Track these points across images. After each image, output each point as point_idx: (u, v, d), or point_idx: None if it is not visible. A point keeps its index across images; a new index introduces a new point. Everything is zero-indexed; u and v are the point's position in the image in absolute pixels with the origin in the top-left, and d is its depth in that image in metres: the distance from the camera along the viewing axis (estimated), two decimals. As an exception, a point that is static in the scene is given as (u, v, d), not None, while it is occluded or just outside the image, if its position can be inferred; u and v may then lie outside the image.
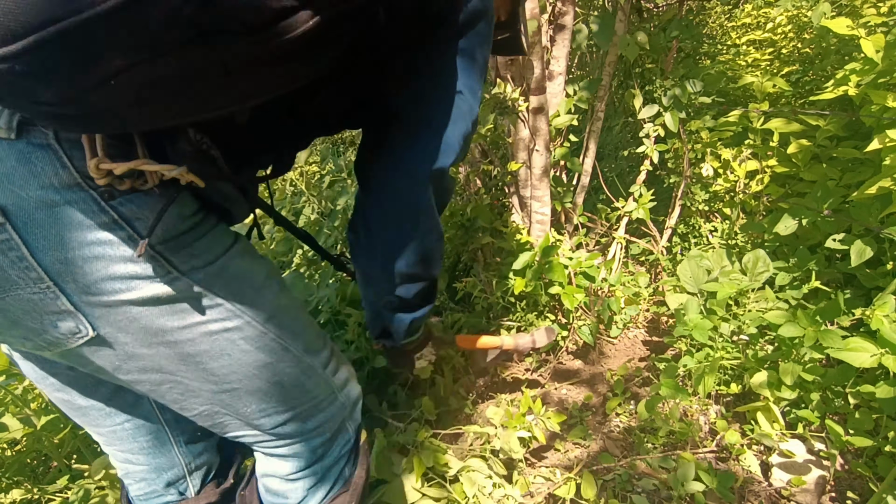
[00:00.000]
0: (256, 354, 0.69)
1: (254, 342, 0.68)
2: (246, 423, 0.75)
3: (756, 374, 1.36)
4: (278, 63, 0.48)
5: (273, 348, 0.71)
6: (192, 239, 0.61)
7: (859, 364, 1.14)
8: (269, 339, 0.70)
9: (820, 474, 1.22)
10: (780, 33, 2.48)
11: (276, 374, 0.72)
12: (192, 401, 0.70)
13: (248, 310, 0.67)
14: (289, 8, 0.43)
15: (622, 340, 1.86)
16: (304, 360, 0.76)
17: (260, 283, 0.70)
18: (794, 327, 1.25)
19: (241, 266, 0.67)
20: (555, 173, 1.93)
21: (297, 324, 0.76)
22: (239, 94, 0.50)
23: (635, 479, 1.30)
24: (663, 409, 1.49)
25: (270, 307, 0.70)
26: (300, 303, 0.81)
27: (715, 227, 2.04)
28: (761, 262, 1.52)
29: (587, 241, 2.08)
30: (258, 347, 0.69)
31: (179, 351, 0.64)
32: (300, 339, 0.75)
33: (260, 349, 0.69)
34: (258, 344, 0.69)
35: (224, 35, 0.42)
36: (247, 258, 0.69)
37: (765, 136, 1.81)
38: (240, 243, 0.69)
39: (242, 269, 0.67)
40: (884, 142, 1.32)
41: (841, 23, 1.49)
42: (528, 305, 1.79)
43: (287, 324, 0.73)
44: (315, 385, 0.78)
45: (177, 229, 0.59)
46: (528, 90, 1.58)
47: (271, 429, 0.77)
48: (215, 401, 0.71)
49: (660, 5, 1.91)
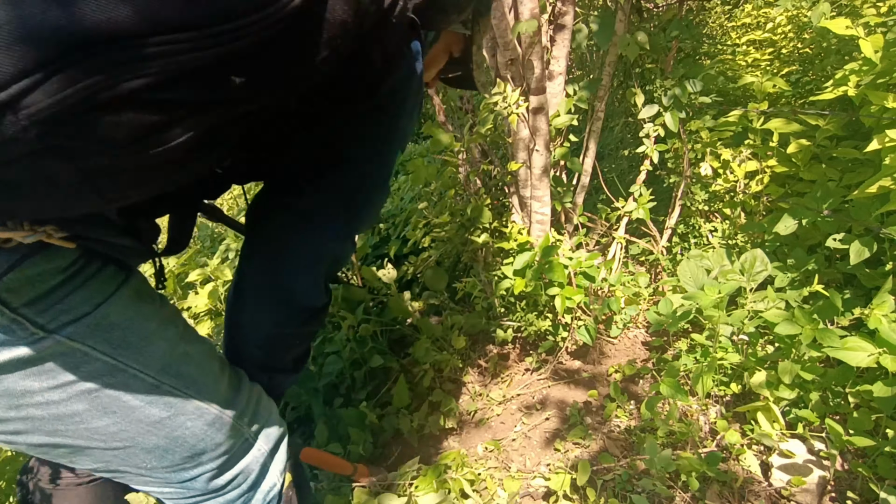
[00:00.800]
0: (148, 410, 0.63)
1: (143, 397, 0.62)
2: (150, 479, 0.69)
3: (756, 374, 1.36)
4: (152, 169, 0.44)
5: (170, 402, 0.65)
6: (65, 293, 0.55)
7: (856, 363, 1.14)
8: (163, 391, 0.64)
9: (820, 474, 1.22)
10: (780, 33, 2.48)
11: (176, 429, 0.66)
12: (83, 459, 0.64)
13: (134, 361, 0.60)
14: (159, 124, 0.39)
15: (622, 340, 1.86)
16: (210, 411, 0.70)
17: (150, 331, 0.63)
18: (792, 326, 1.25)
19: (126, 313, 0.61)
20: (555, 173, 1.93)
21: (202, 372, 0.70)
22: (104, 199, 0.45)
23: (635, 479, 1.30)
24: (663, 409, 1.49)
25: (164, 356, 0.64)
26: (209, 347, 0.74)
27: (715, 227, 2.04)
28: (759, 261, 1.52)
29: (587, 241, 2.08)
30: (150, 402, 0.63)
31: (54, 412, 0.57)
32: (206, 388, 0.69)
33: (152, 404, 0.63)
34: (150, 398, 0.63)
35: (85, 150, 0.38)
36: (133, 303, 0.62)
37: (765, 136, 1.81)
38: (127, 287, 0.62)
39: (128, 317, 0.60)
40: (883, 142, 1.32)
41: (840, 23, 1.49)
42: (528, 305, 1.79)
43: (188, 372, 0.67)
44: (226, 437, 0.72)
45: (44, 287, 0.53)
46: (528, 90, 1.58)
47: (180, 483, 0.71)
48: (108, 458, 0.64)
49: (660, 5, 1.91)
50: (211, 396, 0.70)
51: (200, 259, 2.43)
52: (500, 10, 1.47)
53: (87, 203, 0.45)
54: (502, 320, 1.81)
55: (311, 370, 1.62)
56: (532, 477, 1.36)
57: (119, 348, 0.59)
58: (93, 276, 0.58)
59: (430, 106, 2.04)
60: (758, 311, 1.42)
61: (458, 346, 1.68)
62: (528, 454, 1.45)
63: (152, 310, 0.65)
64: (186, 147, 0.42)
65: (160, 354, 0.64)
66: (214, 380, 0.72)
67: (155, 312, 0.65)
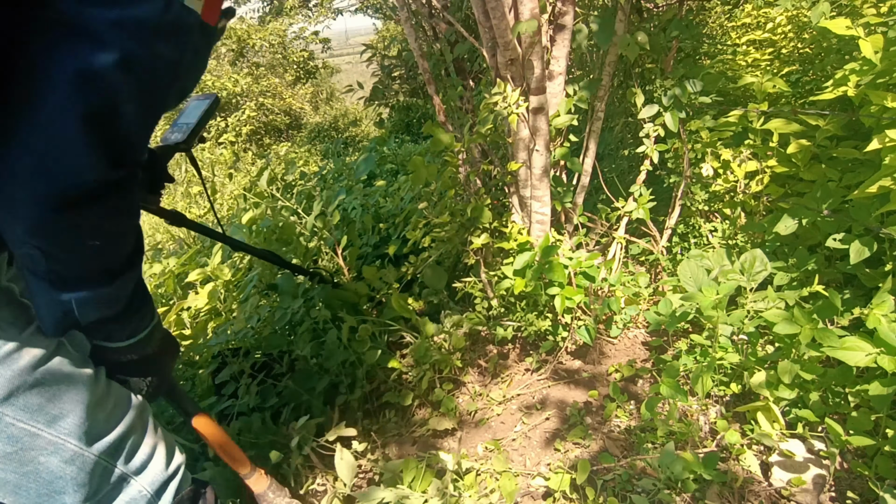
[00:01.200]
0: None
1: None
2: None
3: (756, 374, 1.36)
4: None
5: (14, 435, 0.61)
6: None
7: (855, 363, 1.14)
8: (4, 424, 0.61)
9: (820, 474, 1.22)
10: (780, 33, 2.48)
11: (25, 464, 0.62)
12: None
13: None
14: None
15: (622, 340, 1.86)
16: (67, 446, 0.66)
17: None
18: (791, 325, 1.25)
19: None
20: (555, 173, 1.93)
21: (60, 404, 0.65)
22: None
23: (635, 479, 1.30)
24: (663, 409, 1.50)
25: (7, 385, 0.60)
26: (78, 376, 0.68)
27: (715, 227, 2.04)
28: (759, 261, 1.52)
29: (587, 241, 2.08)
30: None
31: None
32: (62, 421, 0.65)
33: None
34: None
35: None
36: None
37: (765, 136, 1.81)
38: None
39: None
40: (883, 142, 1.32)
41: (840, 23, 1.49)
42: (528, 305, 1.79)
43: (38, 405, 0.63)
44: (89, 475, 0.68)
45: None
46: (528, 90, 1.58)
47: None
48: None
49: (660, 5, 1.91)
50: (70, 430, 0.66)
51: (200, 259, 2.43)
52: (500, 10, 1.47)
53: None
54: (502, 320, 1.81)
55: (311, 370, 1.62)
56: (532, 477, 1.36)
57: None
58: None
59: (430, 106, 2.04)
60: (758, 311, 1.42)
61: (458, 345, 1.68)
62: (528, 454, 1.45)
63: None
64: None
65: (2, 382, 0.60)
66: (74, 412, 0.67)
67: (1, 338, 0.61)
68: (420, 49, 1.91)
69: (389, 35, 7.72)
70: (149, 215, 1.06)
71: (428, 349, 1.62)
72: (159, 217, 1.12)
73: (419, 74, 2.82)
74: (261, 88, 9.10)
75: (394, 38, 5.98)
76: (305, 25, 8.75)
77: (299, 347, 1.61)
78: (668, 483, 1.25)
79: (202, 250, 2.79)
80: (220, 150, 8.21)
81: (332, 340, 1.61)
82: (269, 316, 1.74)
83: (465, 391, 1.72)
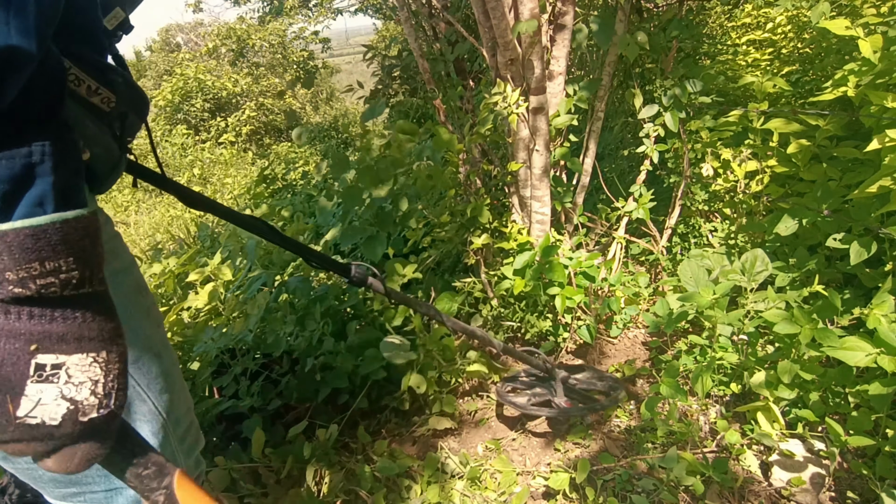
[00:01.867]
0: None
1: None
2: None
3: (756, 374, 1.36)
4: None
5: (129, 396, 0.61)
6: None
7: (854, 363, 1.15)
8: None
9: (820, 473, 1.22)
10: (780, 33, 2.48)
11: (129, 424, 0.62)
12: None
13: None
14: None
15: (622, 340, 1.86)
16: (159, 418, 0.65)
17: (137, 320, 0.62)
18: (791, 325, 1.25)
19: (121, 299, 0.57)
20: (555, 173, 1.93)
21: (169, 376, 0.67)
22: None
23: (635, 479, 1.30)
24: (663, 409, 1.50)
25: (142, 348, 0.63)
26: (176, 359, 0.71)
27: (715, 227, 2.04)
28: (759, 261, 1.52)
29: (587, 241, 2.08)
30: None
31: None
32: (168, 392, 0.66)
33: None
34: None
35: None
36: (133, 294, 0.63)
37: (765, 136, 1.81)
38: (129, 276, 0.63)
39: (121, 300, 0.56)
40: (883, 142, 1.32)
41: (840, 23, 1.49)
42: (528, 305, 1.79)
43: (156, 372, 0.65)
44: (160, 448, 0.67)
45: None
46: (528, 90, 1.58)
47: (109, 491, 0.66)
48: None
49: (660, 5, 1.91)
50: (166, 404, 0.67)
51: (200, 259, 2.43)
52: (500, 10, 1.47)
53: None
54: (502, 320, 1.82)
55: (315, 379, 1.61)
56: (532, 477, 1.36)
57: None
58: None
59: (429, 106, 2.04)
60: (758, 311, 1.42)
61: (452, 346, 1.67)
62: (528, 454, 1.45)
63: (143, 302, 0.65)
64: None
65: (139, 346, 0.62)
66: (178, 389, 0.69)
67: (145, 306, 0.65)
68: (420, 49, 1.91)
69: (389, 35, 7.72)
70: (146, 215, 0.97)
71: (428, 351, 1.62)
72: (167, 190, 0.79)
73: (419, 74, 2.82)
74: (261, 88, 9.10)
75: (394, 38, 5.98)
76: (305, 25, 8.74)
77: (300, 347, 1.61)
78: (671, 484, 1.25)
79: (202, 250, 2.79)
80: (220, 149, 8.21)
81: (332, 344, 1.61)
82: (271, 316, 1.74)
83: (464, 391, 1.72)
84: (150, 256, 3.33)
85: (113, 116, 0.59)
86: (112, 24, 0.71)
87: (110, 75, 0.57)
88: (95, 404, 0.41)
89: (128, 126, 0.63)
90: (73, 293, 0.40)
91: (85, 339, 0.41)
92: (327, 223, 2.35)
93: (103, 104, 0.57)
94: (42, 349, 0.39)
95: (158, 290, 2.37)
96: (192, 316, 1.94)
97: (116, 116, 0.60)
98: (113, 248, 0.65)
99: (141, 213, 6.09)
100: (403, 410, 1.62)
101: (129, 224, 5.72)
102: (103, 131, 0.58)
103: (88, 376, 0.41)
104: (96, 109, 0.57)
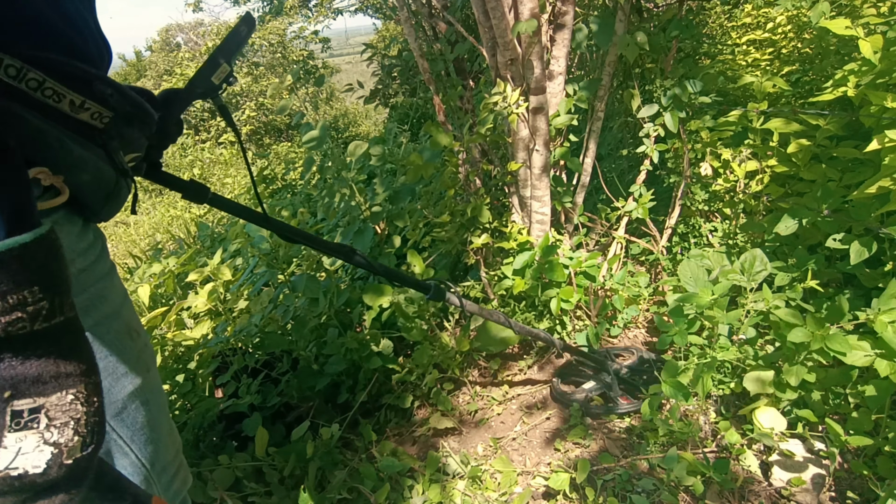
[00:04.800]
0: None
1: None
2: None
3: (755, 374, 1.36)
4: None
5: (108, 450, 0.58)
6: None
7: (852, 363, 1.15)
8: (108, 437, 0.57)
9: (820, 473, 1.23)
10: (780, 33, 2.48)
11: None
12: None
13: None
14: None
15: (622, 340, 1.86)
16: (142, 471, 0.62)
17: (121, 372, 0.58)
18: (803, 333, 1.23)
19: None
20: (555, 173, 1.93)
21: (154, 425, 0.62)
22: None
23: (635, 479, 1.30)
24: (663, 410, 1.49)
25: (125, 398, 0.58)
26: (166, 401, 0.68)
27: (715, 227, 2.04)
28: (759, 261, 1.52)
29: (587, 241, 2.08)
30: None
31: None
32: (150, 443, 0.62)
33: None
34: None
35: None
36: (119, 338, 0.57)
37: (765, 136, 1.80)
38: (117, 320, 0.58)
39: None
40: (883, 142, 1.32)
41: (840, 23, 1.49)
42: (528, 305, 1.79)
43: (139, 422, 0.60)
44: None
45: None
46: (528, 90, 1.58)
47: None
48: None
49: (660, 5, 1.91)
50: (150, 455, 0.62)
51: (200, 259, 2.43)
52: (500, 10, 1.47)
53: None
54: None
55: (313, 370, 1.62)
56: (532, 477, 1.36)
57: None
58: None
59: (429, 106, 2.04)
60: (759, 312, 1.42)
61: (463, 348, 1.67)
62: (528, 454, 1.45)
63: (133, 347, 0.59)
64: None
65: (125, 396, 0.57)
66: (164, 435, 0.64)
67: (135, 351, 0.59)
68: (420, 49, 1.91)
69: (389, 35, 7.71)
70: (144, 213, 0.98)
71: (430, 352, 1.62)
72: (176, 190, 0.82)
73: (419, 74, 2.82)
74: (260, 88, 9.10)
75: (394, 38, 5.98)
76: (305, 25, 8.74)
77: (301, 347, 1.61)
78: (671, 484, 1.25)
79: (202, 250, 2.79)
80: (220, 150, 8.21)
81: (333, 341, 1.61)
82: (272, 315, 1.74)
83: (465, 391, 1.72)
84: (150, 256, 3.33)
85: (110, 134, 0.53)
86: (220, 78, 0.75)
87: (98, 86, 0.50)
88: (79, 444, 0.37)
89: (127, 144, 0.57)
90: (44, 326, 0.35)
91: (62, 376, 0.37)
92: (330, 223, 2.36)
93: (95, 120, 0.50)
94: (17, 395, 0.35)
95: (158, 290, 2.37)
96: (192, 316, 1.94)
97: (114, 134, 0.53)
98: (100, 292, 0.57)
99: (141, 213, 6.09)
100: (403, 409, 1.62)
101: (128, 224, 5.71)
102: (94, 153, 0.51)
103: (70, 416, 0.37)
104: (86, 128, 0.50)
